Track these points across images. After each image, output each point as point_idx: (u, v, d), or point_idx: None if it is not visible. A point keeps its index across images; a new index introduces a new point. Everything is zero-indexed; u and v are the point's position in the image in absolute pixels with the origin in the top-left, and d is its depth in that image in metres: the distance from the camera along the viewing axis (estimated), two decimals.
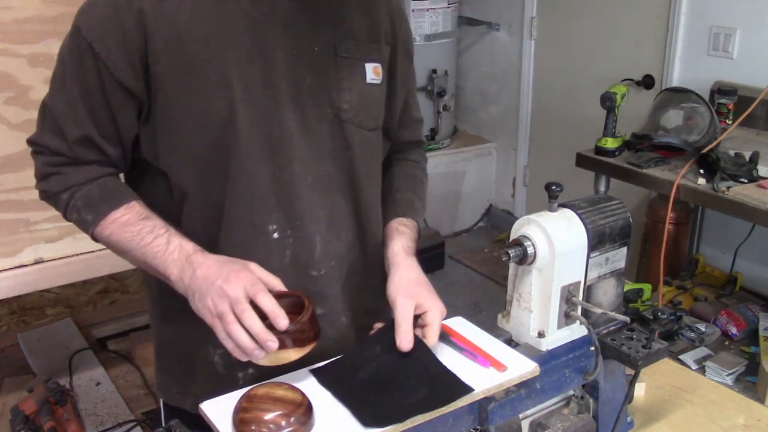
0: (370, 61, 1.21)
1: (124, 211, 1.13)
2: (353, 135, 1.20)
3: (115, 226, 1.13)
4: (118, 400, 2.59)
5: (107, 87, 1.09)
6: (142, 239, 1.11)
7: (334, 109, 1.18)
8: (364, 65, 1.20)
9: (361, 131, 1.21)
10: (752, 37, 2.89)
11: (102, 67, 1.08)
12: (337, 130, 1.19)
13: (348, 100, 1.18)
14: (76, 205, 1.15)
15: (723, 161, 2.39)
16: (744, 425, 1.30)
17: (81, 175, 1.15)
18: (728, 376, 2.39)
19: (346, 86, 1.18)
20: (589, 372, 1.15)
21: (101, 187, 1.15)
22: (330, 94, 1.17)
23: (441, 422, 1.00)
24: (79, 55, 1.09)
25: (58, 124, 1.13)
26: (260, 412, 0.93)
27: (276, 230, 1.17)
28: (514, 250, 1.09)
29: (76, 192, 1.15)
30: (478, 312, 3.52)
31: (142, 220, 1.12)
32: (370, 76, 1.21)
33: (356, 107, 1.19)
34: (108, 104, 1.11)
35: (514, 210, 4.38)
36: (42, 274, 2.15)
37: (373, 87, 1.22)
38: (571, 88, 3.79)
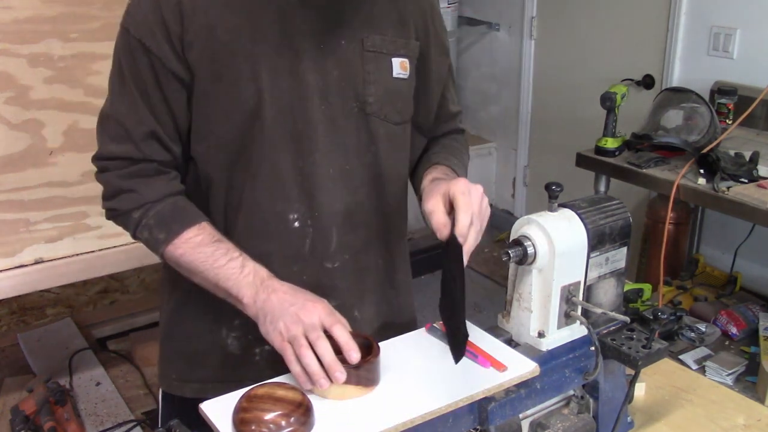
0: (397, 56, 1.22)
1: (197, 231, 1.14)
2: (378, 129, 1.22)
3: (189, 246, 1.13)
4: (118, 400, 2.59)
5: (162, 79, 1.12)
6: (216, 260, 1.11)
7: (359, 103, 1.19)
8: (391, 60, 1.21)
9: (387, 125, 1.23)
10: (752, 37, 2.89)
11: (155, 61, 1.11)
12: (362, 124, 1.20)
13: (373, 94, 1.20)
14: (149, 223, 1.15)
15: (723, 161, 2.39)
16: (744, 425, 1.30)
17: (153, 191, 1.16)
18: (728, 376, 2.39)
19: (372, 80, 1.19)
20: (589, 372, 1.15)
21: (173, 206, 1.17)
22: (356, 87, 1.19)
23: (441, 422, 1.00)
24: (132, 53, 1.12)
25: (124, 127, 1.14)
26: (260, 412, 0.93)
27: (297, 219, 1.19)
28: (514, 250, 1.09)
29: (149, 210, 1.15)
30: (478, 312, 3.52)
31: (216, 242, 1.13)
32: (397, 71, 1.22)
33: (381, 101, 1.21)
34: (165, 98, 1.13)
35: (514, 210, 4.38)
36: (42, 274, 2.15)
37: (400, 81, 1.23)
38: (571, 88, 3.78)
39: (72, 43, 2.04)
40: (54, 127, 2.07)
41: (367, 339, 1.06)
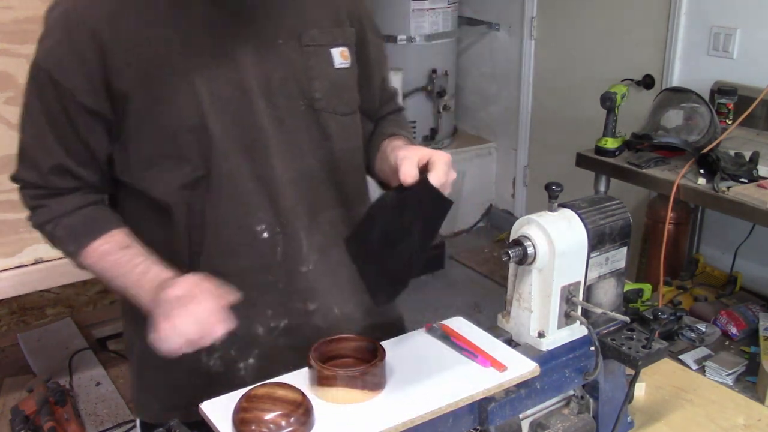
0: (336, 45, 1.20)
1: (105, 240, 1.13)
2: (329, 123, 1.20)
3: (96, 256, 1.13)
4: (118, 400, 2.59)
5: (72, 112, 1.09)
6: (121, 267, 1.11)
7: (306, 100, 1.17)
8: (330, 51, 1.19)
9: (337, 118, 1.21)
10: (752, 37, 2.89)
11: (64, 93, 1.07)
12: (313, 121, 1.19)
13: (319, 89, 1.18)
14: (59, 236, 1.16)
15: (723, 161, 2.39)
16: (744, 425, 1.30)
17: (63, 206, 1.15)
18: (728, 376, 2.39)
19: (316, 75, 1.17)
20: (589, 372, 1.15)
21: (83, 217, 1.15)
22: (300, 85, 1.17)
23: (441, 422, 1.00)
24: (39, 84, 1.09)
25: (30, 157, 1.14)
26: (260, 412, 0.93)
27: (265, 230, 1.17)
28: (514, 250, 1.09)
29: (58, 224, 1.15)
30: (478, 312, 3.52)
31: (122, 250, 1.12)
32: (338, 61, 1.20)
33: (329, 94, 1.19)
34: (76, 129, 1.10)
35: (514, 210, 4.38)
36: (42, 274, 2.15)
37: (343, 71, 1.21)
38: (571, 88, 3.78)
39: None
40: None
41: (372, 343, 1.06)
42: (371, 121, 1.35)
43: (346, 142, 1.24)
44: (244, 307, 1.17)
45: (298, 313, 1.22)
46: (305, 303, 1.22)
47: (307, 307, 1.23)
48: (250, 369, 1.21)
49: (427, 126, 4.17)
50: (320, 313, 1.23)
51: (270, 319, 1.21)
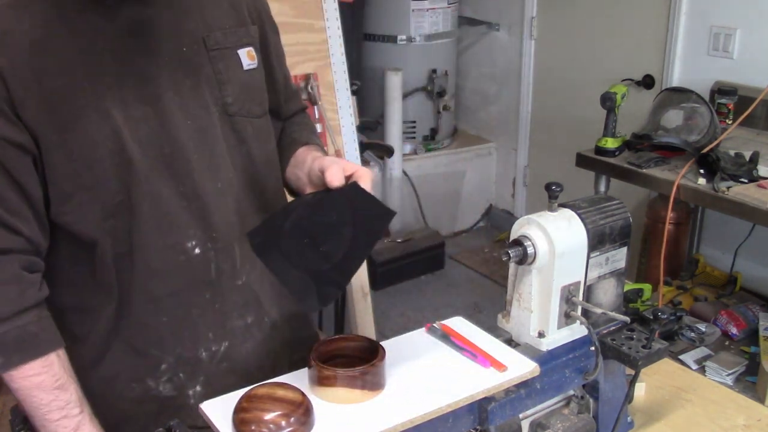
0: (242, 46, 1.17)
1: (41, 368, 1.03)
2: (245, 127, 1.17)
3: (26, 384, 1.04)
4: None
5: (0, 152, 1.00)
6: (50, 413, 1.05)
7: (219, 106, 1.14)
8: (237, 52, 1.16)
9: (251, 120, 1.18)
10: (752, 37, 2.89)
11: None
12: (227, 127, 1.15)
13: (231, 93, 1.15)
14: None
15: (723, 161, 2.39)
16: (744, 425, 1.30)
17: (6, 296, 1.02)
18: (728, 376, 2.39)
19: (226, 79, 1.14)
20: (589, 372, 1.15)
21: (21, 330, 1.02)
22: (212, 91, 1.13)
23: (441, 422, 1.00)
24: None
25: None
26: (260, 412, 0.93)
27: (196, 246, 1.12)
28: (514, 250, 1.09)
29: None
30: (478, 312, 3.52)
31: (57, 389, 1.05)
32: (246, 62, 1.17)
33: (241, 98, 1.16)
34: (4, 169, 1.01)
35: (514, 210, 4.38)
36: None
37: (252, 72, 1.18)
38: (571, 88, 3.78)
39: None
40: None
41: (372, 343, 1.06)
42: (279, 120, 1.32)
43: (262, 144, 1.21)
44: (185, 328, 1.15)
45: (238, 331, 1.19)
46: (244, 318, 1.20)
47: (246, 321, 1.20)
48: (198, 396, 1.17)
49: (427, 126, 4.17)
50: (256, 325, 1.22)
51: (212, 342, 1.17)
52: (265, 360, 1.23)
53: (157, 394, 1.17)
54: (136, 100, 1.06)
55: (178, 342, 1.16)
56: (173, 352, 1.15)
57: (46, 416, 1.05)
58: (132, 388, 1.16)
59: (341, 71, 2.33)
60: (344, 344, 1.07)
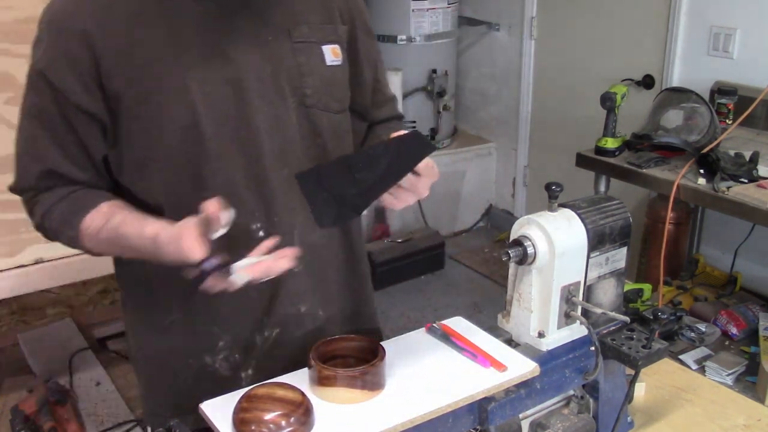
0: (327, 42, 1.20)
1: (91, 217, 1.12)
2: (321, 120, 1.20)
3: (89, 235, 1.12)
4: (118, 400, 2.59)
5: (68, 113, 1.09)
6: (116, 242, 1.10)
7: (297, 97, 1.17)
8: (322, 48, 1.19)
9: (329, 115, 1.21)
10: (752, 37, 2.89)
11: (58, 95, 1.08)
12: (304, 118, 1.18)
13: (310, 85, 1.17)
14: (56, 227, 1.14)
15: (723, 161, 2.39)
16: (744, 425, 1.30)
17: (52, 196, 1.14)
18: (728, 376, 2.39)
19: (307, 71, 1.17)
20: (589, 372, 1.15)
21: (69, 202, 1.14)
22: (291, 81, 1.16)
23: (441, 422, 1.00)
24: (34, 86, 1.10)
25: (22, 163, 1.15)
26: (260, 412, 0.93)
27: (260, 228, 1.16)
28: (514, 250, 1.09)
29: (51, 214, 1.14)
30: (478, 312, 3.52)
31: (107, 223, 1.10)
32: (330, 58, 1.20)
33: (320, 91, 1.18)
34: (72, 130, 1.10)
35: (514, 210, 4.38)
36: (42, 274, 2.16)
37: (335, 69, 1.21)
38: (571, 88, 3.78)
39: None
40: None
41: (372, 343, 1.06)
42: (363, 121, 1.35)
43: (337, 139, 1.23)
44: (242, 310, 1.19)
45: (290, 319, 1.22)
46: (297, 306, 1.22)
47: (299, 310, 1.23)
48: (249, 380, 1.21)
49: (427, 126, 4.16)
50: (310, 316, 1.24)
51: (265, 327, 1.21)
52: None
53: (214, 372, 1.21)
54: (216, 80, 1.10)
55: (236, 322, 1.20)
56: (231, 331, 1.19)
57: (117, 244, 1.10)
58: (190, 363, 1.21)
59: None
60: (344, 344, 1.07)
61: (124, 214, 1.11)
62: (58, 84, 1.07)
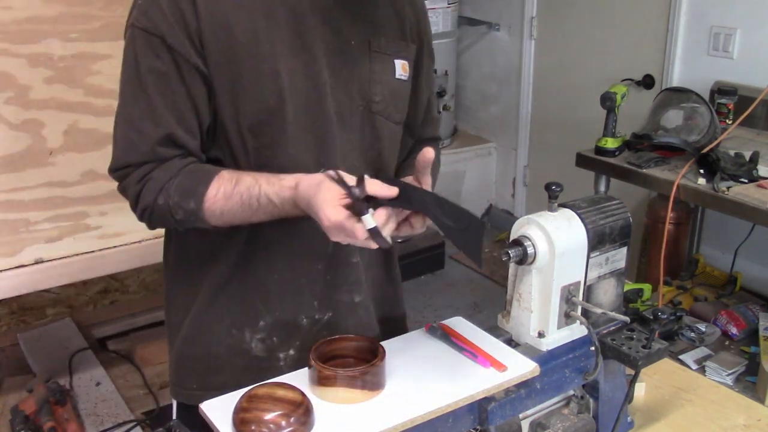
0: (399, 57, 1.26)
1: (217, 185, 1.12)
2: (383, 127, 1.26)
3: (219, 202, 1.12)
4: (118, 400, 2.59)
5: (186, 75, 1.12)
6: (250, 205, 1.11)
7: (366, 101, 1.23)
8: (394, 61, 1.26)
9: (389, 124, 1.27)
10: (752, 37, 2.89)
11: (178, 57, 1.11)
12: (368, 122, 1.24)
13: (379, 93, 1.24)
14: (175, 201, 1.13)
15: (723, 161, 2.39)
16: (744, 425, 1.30)
17: (166, 172, 1.14)
18: (728, 376, 2.39)
19: (378, 80, 1.24)
20: (589, 372, 1.15)
21: (186, 174, 1.14)
22: (363, 86, 1.22)
23: (441, 422, 1.00)
24: (153, 51, 1.11)
25: (137, 131, 1.13)
26: (260, 412, 0.93)
27: None
28: (514, 250, 1.09)
29: (169, 189, 1.13)
30: (478, 312, 3.52)
31: (236, 186, 1.11)
32: (399, 72, 1.26)
33: (386, 100, 1.25)
34: (189, 93, 1.13)
35: (514, 210, 4.38)
36: (42, 274, 2.15)
37: (401, 83, 1.27)
38: (571, 88, 3.78)
39: (72, 43, 2.04)
40: (54, 127, 2.07)
41: (372, 343, 1.07)
42: (411, 136, 1.40)
43: (392, 147, 1.30)
44: (291, 293, 1.23)
45: (343, 306, 1.27)
46: (352, 294, 1.27)
47: (354, 299, 1.27)
48: (290, 360, 1.25)
49: None
50: (363, 306, 1.28)
51: (316, 311, 1.25)
52: None
53: (249, 350, 1.24)
54: (300, 72, 1.16)
55: (280, 304, 1.23)
56: (273, 313, 1.23)
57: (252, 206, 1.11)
58: (231, 334, 1.24)
59: None
60: (344, 344, 1.08)
61: (253, 175, 1.12)
62: (178, 47, 1.10)
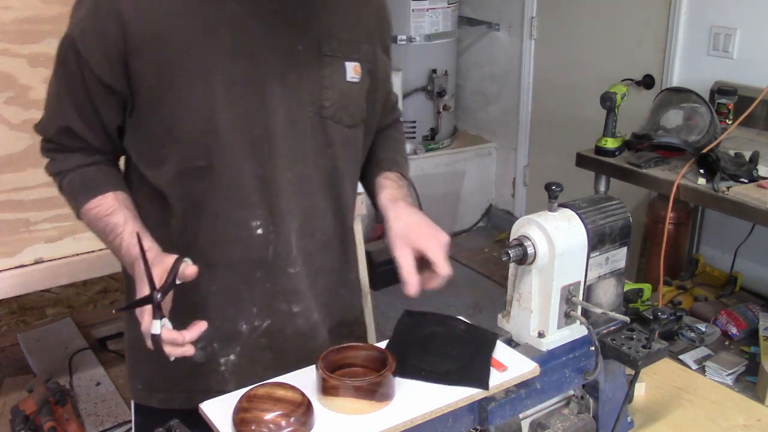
0: (351, 60, 1.23)
1: (97, 203, 1.18)
2: (334, 132, 1.22)
3: (89, 217, 1.19)
4: (118, 400, 2.59)
5: (88, 82, 1.13)
6: (107, 237, 1.17)
7: (316, 107, 1.19)
8: (345, 64, 1.22)
9: (342, 129, 1.23)
10: (752, 37, 2.89)
11: (83, 64, 1.12)
12: (319, 128, 1.21)
13: (330, 98, 1.20)
14: (65, 190, 1.22)
15: (723, 161, 2.39)
16: (744, 425, 1.30)
17: (67, 162, 1.21)
18: (728, 376, 2.39)
19: (328, 84, 1.20)
20: (589, 372, 1.15)
21: (81, 176, 1.20)
22: (312, 92, 1.19)
23: (441, 422, 1.00)
24: (65, 51, 1.14)
25: (48, 111, 1.21)
26: (260, 412, 0.93)
27: (260, 226, 1.19)
28: (514, 250, 1.09)
29: (63, 178, 1.22)
30: (478, 312, 3.52)
31: (107, 217, 1.17)
32: (350, 75, 1.23)
33: (337, 104, 1.21)
34: (90, 97, 1.14)
35: (514, 210, 4.38)
36: (42, 274, 2.15)
37: (352, 85, 1.24)
38: (571, 88, 3.78)
39: None
40: None
41: (382, 353, 1.04)
42: (372, 134, 1.37)
43: (347, 153, 1.26)
44: (231, 301, 1.22)
45: (281, 315, 1.24)
46: (290, 305, 1.24)
47: (291, 309, 1.25)
48: (230, 365, 1.24)
49: (427, 126, 4.17)
50: (303, 316, 1.26)
51: (254, 317, 1.23)
52: (304, 354, 1.21)
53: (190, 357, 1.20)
54: (241, 79, 1.13)
55: (220, 313, 1.22)
56: (214, 322, 1.19)
57: (107, 239, 1.18)
58: None
59: None
60: (353, 353, 1.06)
61: (128, 218, 1.17)
62: (85, 55, 1.11)
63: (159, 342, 1.00)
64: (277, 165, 1.17)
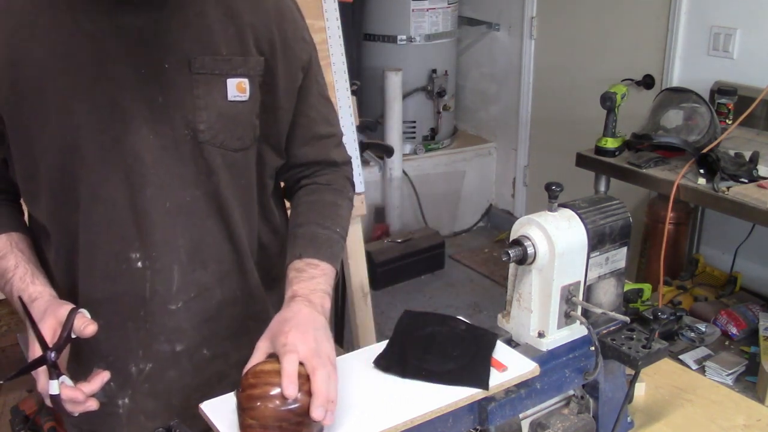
0: (234, 76, 1.11)
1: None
2: (215, 157, 1.12)
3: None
4: None
5: None
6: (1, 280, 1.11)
7: (190, 130, 1.09)
8: (226, 81, 1.10)
9: (225, 153, 1.13)
10: (752, 37, 2.89)
11: None
12: (197, 153, 1.11)
13: (205, 120, 1.09)
14: None
15: (723, 161, 2.39)
16: (744, 425, 1.30)
17: None
18: (728, 376, 2.39)
19: (203, 105, 1.09)
20: (589, 372, 1.15)
21: None
22: (185, 114, 1.09)
23: (441, 422, 1.00)
24: None
25: None
26: (268, 386, 0.92)
27: (139, 259, 1.11)
28: (514, 250, 1.09)
29: None
30: (478, 312, 3.52)
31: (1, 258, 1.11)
32: (233, 93, 1.11)
33: (215, 127, 1.10)
34: None
35: (514, 210, 4.38)
36: None
37: (237, 105, 1.12)
38: (571, 88, 3.78)
39: None
40: None
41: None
42: (282, 157, 1.25)
43: (233, 178, 1.15)
44: (120, 339, 1.15)
45: (162, 357, 1.16)
46: (173, 344, 1.16)
47: (174, 348, 1.17)
48: (126, 409, 1.18)
49: (427, 126, 4.17)
50: (186, 354, 1.18)
51: (140, 360, 1.16)
52: (193, 393, 1.16)
53: None
54: (103, 103, 1.06)
55: (112, 350, 1.15)
56: (105, 359, 1.15)
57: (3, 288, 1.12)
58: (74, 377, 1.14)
59: (341, 71, 2.33)
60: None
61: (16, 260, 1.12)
62: None
63: (59, 401, 0.97)
64: (149, 194, 1.09)
